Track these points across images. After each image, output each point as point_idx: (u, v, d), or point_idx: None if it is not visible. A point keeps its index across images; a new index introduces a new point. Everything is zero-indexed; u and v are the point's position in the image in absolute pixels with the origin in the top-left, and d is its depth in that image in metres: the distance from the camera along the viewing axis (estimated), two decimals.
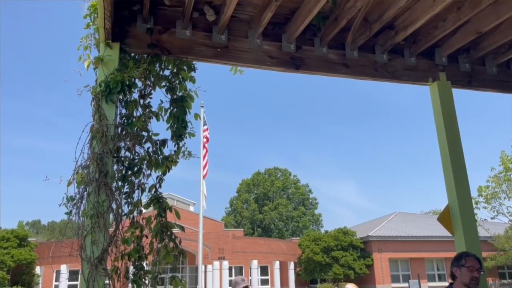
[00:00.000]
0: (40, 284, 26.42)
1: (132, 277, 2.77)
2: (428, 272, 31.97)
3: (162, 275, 2.97)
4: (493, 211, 13.63)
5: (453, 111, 3.83)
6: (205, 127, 21.99)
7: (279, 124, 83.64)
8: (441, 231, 27.70)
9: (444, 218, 3.49)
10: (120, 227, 2.79)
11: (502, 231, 24.38)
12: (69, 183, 2.90)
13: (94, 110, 3.00)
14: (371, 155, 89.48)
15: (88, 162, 2.89)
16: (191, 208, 38.32)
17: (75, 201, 2.75)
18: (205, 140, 21.75)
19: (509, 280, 33.30)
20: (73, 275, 26.14)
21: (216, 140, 76.26)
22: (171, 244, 2.83)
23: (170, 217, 2.99)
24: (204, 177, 22.64)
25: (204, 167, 22.44)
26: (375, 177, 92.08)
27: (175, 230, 2.96)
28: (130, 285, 2.76)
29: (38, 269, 27.06)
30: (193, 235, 24.47)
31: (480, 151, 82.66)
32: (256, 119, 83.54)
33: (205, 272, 27.02)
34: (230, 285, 27.03)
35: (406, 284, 27.63)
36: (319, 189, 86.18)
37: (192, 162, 3.73)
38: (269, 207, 50.76)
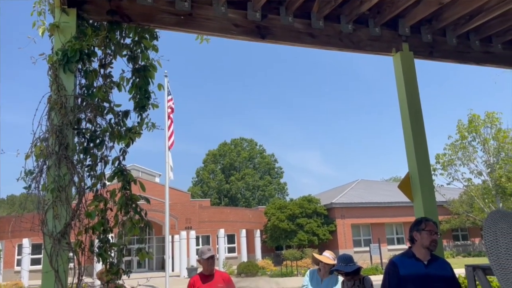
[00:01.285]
0: (1, 259, 25.81)
1: (97, 250, 2.73)
2: (388, 236, 33.46)
3: (130, 246, 2.95)
4: (449, 178, 14.29)
5: (415, 81, 3.92)
6: (170, 97, 21.60)
7: (245, 95, 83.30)
8: (400, 197, 28.87)
9: (404, 185, 3.62)
10: (83, 201, 2.73)
11: (457, 196, 25.69)
12: (27, 156, 2.79)
13: (51, 80, 2.87)
14: (336, 125, 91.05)
15: (47, 135, 2.78)
16: (157, 179, 38.05)
17: (34, 175, 2.66)
18: (169, 110, 21.41)
19: (462, 242, 35.42)
20: (36, 249, 25.66)
21: (182, 111, 75.27)
22: (137, 217, 2.80)
23: (135, 189, 2.95)
24: (169, 148, 22.40)
25: (169, 138, 22.18)
26: (339, 147, 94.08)
27: (141, 202, 2.93)
28: (95, 258, 2.73)
29: None
30: (160, 206, 24.42)
31: (440, 121, 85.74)
32: (223, 89, 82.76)
33: (172, 242, 27.17)
34: (196, 254, 27.36)
35: (367, 248, 28.85)
36: (284, 159, 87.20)
37: (157, 133, 3.70)
38: (235, 177, 51.12)
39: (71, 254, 2.57)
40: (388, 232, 33.77)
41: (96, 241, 2.79)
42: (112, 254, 2.80)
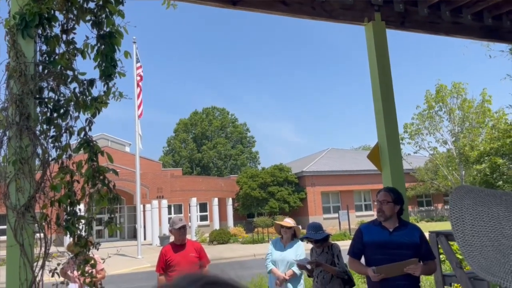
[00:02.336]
0: None
1: (64, 223, 2.67)
2: (356, 203, 34.47)
3: (100, 216, 2.89)
4: (416, 146, 14.70)
5: (386, 51, 3.92)
6: (138, 64, 21.02)
7: (218, 64, 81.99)
8: (368, 166, 29.58)
9: (374, 155, 3.68)
10: (48, 173, 2.64)
11: (423, 164, 26.57)
12: None
13: (9, 46, 2.70)
14: (307, 95, 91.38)
15: (6, 104, 2.65)
16: (127, 149, 37.46)
17: None
18: (138, 78, 20.87)
19: (426, 207, 36.94)
20: (1, 219, 25.11)
21: (151, 79, 73.53)
22: (105, 189, 2.73)
23: (103, 160, 2.86)
24: (139, 117, 21.99)
25: (138, 107, 21.72)
26: (311, 116, 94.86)
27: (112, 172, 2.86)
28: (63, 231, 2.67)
29: None
30: (130, 176, 24.16)
31: (410, 92, 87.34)
32: (194, 58, 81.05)
33: (144, 211, 27.12)
34: (168, 223, 27.47)
35: (336, 215, 29.68)
36: (257, 128, 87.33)
37: (126, 101, 3.52)
38: (207, 146, 50.95)
39: (36, 228, 2.50)
40: (357, 199, 34.78)
41: (64, 214, 2.72)
42: (80, 227, 2.74)
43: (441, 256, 4.35)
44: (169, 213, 29.35)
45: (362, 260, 3.51)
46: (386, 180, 3.50)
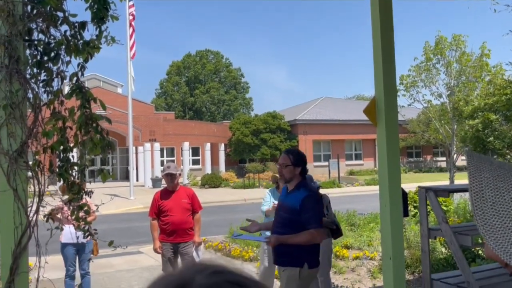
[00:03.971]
0: None
1: (57, 170, 2.66)
2: (346, 152, 34.94)
3: (93, 156, 2.85)
4: (411, 99, 14.66)
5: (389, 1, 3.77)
6: (131, 2, 20.24)
7: (213, 6, 79.15)
8: (361, 116, 29.65)
9: (370, 110, 3.64)
10: (40, 119, 2.59)
11: (415, 116, 26.70)
12: None
13: None
14: (304, 42, 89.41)
15: None
16: (119, 90, 36.98)
17: None
18: (131, 17, 20.19)
19: (415, 158, 37.62)
20: None
21: (144, 18, 71.14)
22: (98, 136, 2.70)
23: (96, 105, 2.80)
24: (131, 58, 21.50)
25: (131, 48, 21.19)
26: (306, 63, 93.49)
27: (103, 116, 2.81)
28: (56, 178, 2.67)
29: None
30: (123, 118, 24.03)
31: (408, 43, 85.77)
32: None
33: (136, 153, 27.27)
34: (161, 165, 27.76)
35: (326, 163, 30.13)
36: (251, 74, 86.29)
37: (118, 40, 3.36)
38: (200, 90, 50.43)
39: (29, 173, 2.49)
40: (347, 148, 35.21)
41: (56, 160, 2.71)
42: (73, 174, 2.73)
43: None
44: (162, 156, 29.58)
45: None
46: (380, 137, 3.49)
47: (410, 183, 18.26)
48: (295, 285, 3.29)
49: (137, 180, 26.51)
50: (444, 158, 36.46)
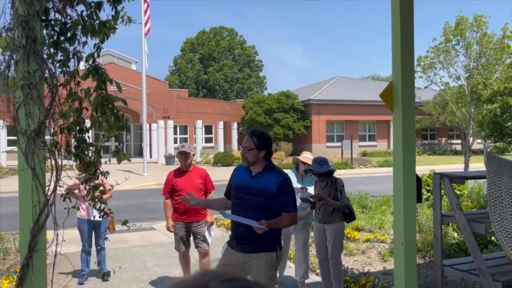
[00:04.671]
0: None
1: (74, 150, 2.69)
2: (360, 133, 34.68)
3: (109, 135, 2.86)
4: (428, 81, 14.36)
5: None
6: None
7: None
8: (376, 96, 29.32)
9: (386, 95, 3.59)
10: (57, 99, 2.61)
11: (431, 98, 26.25)
12: None
13: None
14: (320, 19, 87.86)
15: (11, 25, 2.54)
16: (133, 67, 37.04)
17: (0, 70, 2.49)
18: None
19: (430, 140, 37.22)
20: (12, 130, 25.52)
21: None
22: (113, 117, 2.72)
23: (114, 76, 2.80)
24: (146, 34, 21.43)
25: (145, 24, 21.08)
26: (322, 41, 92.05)
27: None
28: (72, 158, 2.70)
29: None
30: (136, 94, 24.12)
31: (428, 23, 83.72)
32: None
33: (150, 130, 27.47)
34: (174, 143, 27.97)
35: (339, 144, 29.98)
36: (265, 51, 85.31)
37: (133, 17, 3.32)
38: (214, 68, 50.20)
39: (47, 154, 2.52)
40: (361, 129, 34.93)
41: (73, 140, 2.74)
42: (90, 154, 2.77)
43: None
44: (175, 133, 29.75)
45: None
46: (396, 122, 3.45)
47: (424, 166, 18.15)
48: (274, 269, 3.26)
49: (150, 156, 26.79)
50: (459, 141, 35.99)
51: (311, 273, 5.59)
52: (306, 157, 5.20)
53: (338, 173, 4.94)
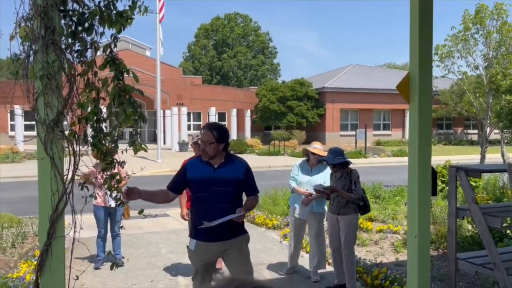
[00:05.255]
0: None
1: (91, 140, 2.73)
2: (374, 122, 34.35)
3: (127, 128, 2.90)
4: (445, 70, 14.10)
5: None
6: None
7: None
8: (391, 85, 28.94)
9: (403, 86, 3.55)
10: (75, 89, 2.64)
11: (448, 87, 25.82)
12: (11, 38, 2.62)
13: None
14: (337, 7, 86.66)
15: (31, 15, 2.57)
16: (147, 53, 37.12)
17: (20, 60, 2.52)
18: None
19: (445, 130, 36.73)
20: (28, 115, 25.90)
21: None
22: (130, 108, 2.74)
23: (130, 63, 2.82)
24: (160, 21, 21.43)
25: (160, 10, 21.08)
26: (337, 28, 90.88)
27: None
28: (89, 148, 2.74)
29: None
30: (151, 81, 24.22)
31: (447, 11, 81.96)
32: None
33: (164, 117, 27.61)
34: (188, 129, 28.10)
35: (353, 132, 29.77)
36: (279, 38, 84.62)
37: (147, 2, 3.30)
38: (228, 55, 50.03)
39: (65, 144, 2.56)
40: (376, 118, 34.60)
41: (90, 130, 2.77)
42: (107, 144, 2.80)
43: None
44: (188, 120, 29.87)
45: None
46: (413, 114, 3.41)
47: (439, 156, 17.93)
48: (248, 248, 3.47)
49: (164, 143, 26.98)
50: (475, 131, 35.43)
51: None
52: (316, 147, 5.19)
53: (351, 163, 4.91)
